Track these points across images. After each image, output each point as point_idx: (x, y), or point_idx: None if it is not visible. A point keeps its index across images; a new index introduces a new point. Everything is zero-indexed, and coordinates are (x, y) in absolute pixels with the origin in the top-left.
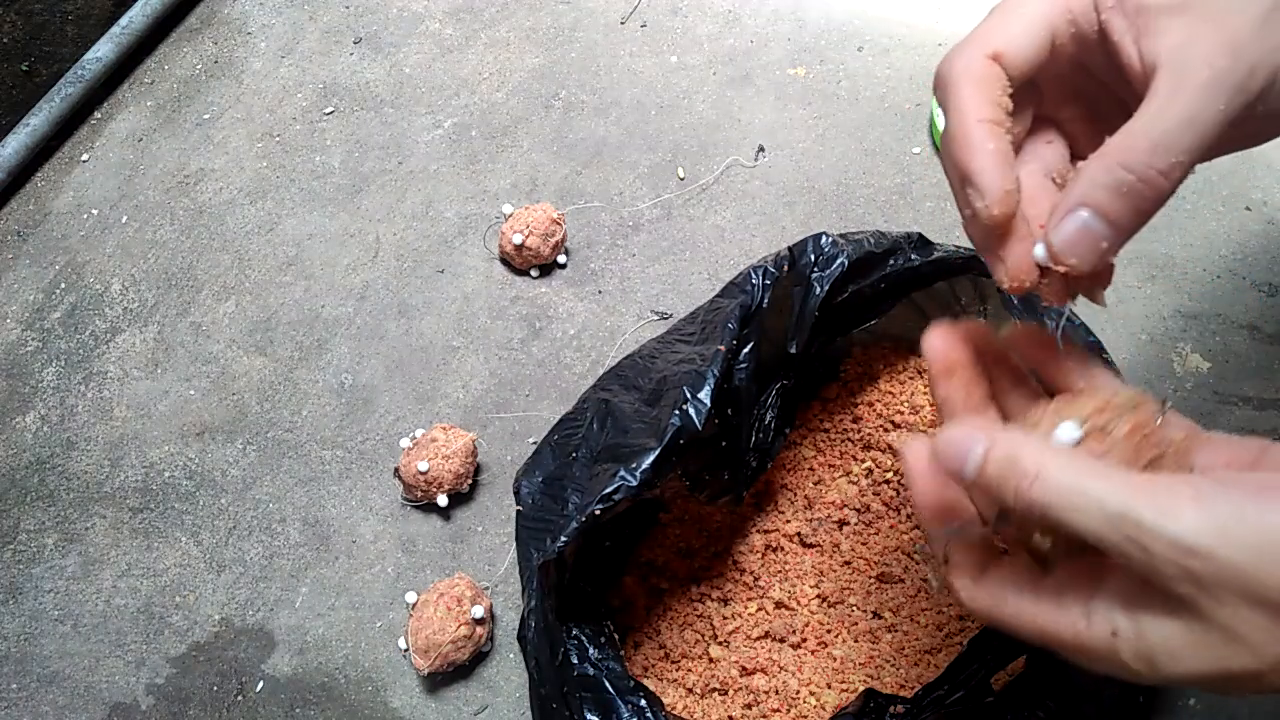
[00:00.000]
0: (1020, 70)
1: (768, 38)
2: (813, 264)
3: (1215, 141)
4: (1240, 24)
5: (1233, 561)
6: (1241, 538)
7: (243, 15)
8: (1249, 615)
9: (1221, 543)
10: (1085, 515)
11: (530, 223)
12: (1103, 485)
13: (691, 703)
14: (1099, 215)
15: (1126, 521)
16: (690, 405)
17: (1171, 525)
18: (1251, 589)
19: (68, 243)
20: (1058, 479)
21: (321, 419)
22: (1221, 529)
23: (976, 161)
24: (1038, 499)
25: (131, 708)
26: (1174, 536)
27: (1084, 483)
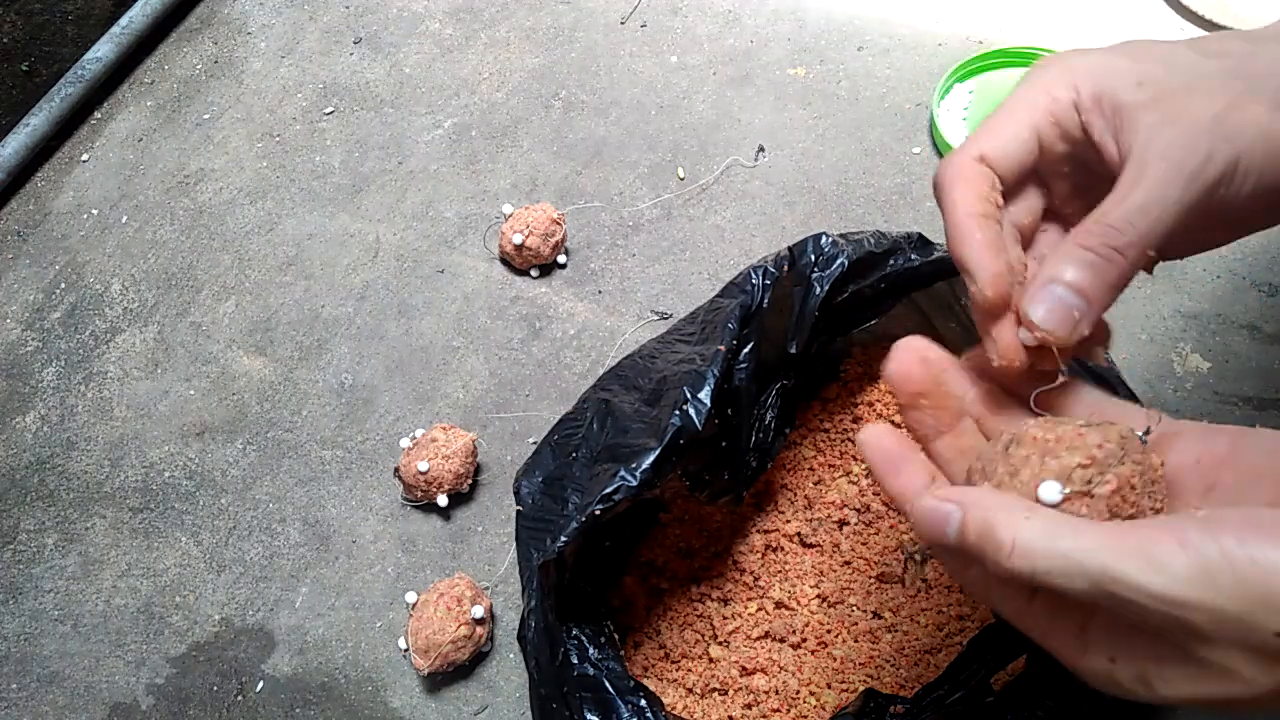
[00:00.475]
0: (1009, 170)
1: (768, 38)
2: (813, 264)
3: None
4: (1199, 118)
5: (1223, 610)
6: (1231, 586)
7: (243, 15)
8: (1241, 656)
9: (1211, 592)
10: (1067, 579)
11: (530, 223)
12: (1081, 546)
13: (691, 703)
14: (1069, 288)
15: (1113, 581)
16: (690, 405)
17: (1158, 580)
18: (1243, 634)
19: (68, 243)
20: (1034, 547)
21: (321, 419)
22: (1210, 577)
23: (966, 250)
24: (1018, 568)
25: (131, 708)
26: (1162, 592)
27: (1062, 546)
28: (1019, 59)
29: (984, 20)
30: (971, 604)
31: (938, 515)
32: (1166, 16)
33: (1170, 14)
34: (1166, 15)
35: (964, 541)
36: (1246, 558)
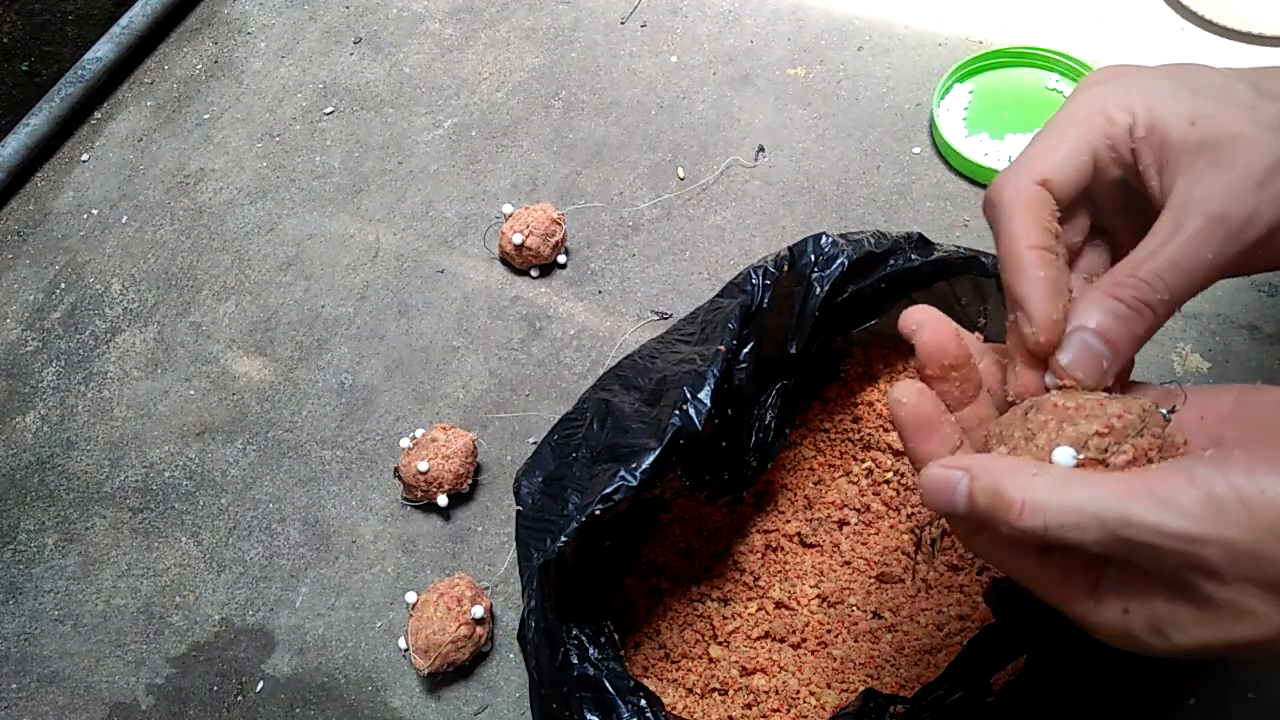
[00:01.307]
0: (1067, 194)
1: (768, 38)
2: (813, 264)
3: (1205, 280)
4: (1247, 173)
5: (1236, 543)
6: (1241, 518)
7: (243, 15)
8: (1254, 592)
9: (1223, 526)
10: (1083, 531)
11: (530, 223)
12: (1094, 495)
13: (691, 703)
14: (1098, 337)
15: (1126, 525)
16: (690, 405)
17: (1171, 518)
18: (1256, 568)
19: (68, 243)
20: (1045, 501)
21: (321, 419)
22: (1221, 512)
23: (1027, 288)
24: (1031, 526)
25: (131, 708)
26: (1176, 529)
27: (1072, 497)
28: (1019, 59)
29: (984, 20)
30: (972, 604)
31: (946, 483)
32: (1167, 16)
33: (1170, 14)
34: (1167, 15)
35: (974, 506)
36: (1255, 490)
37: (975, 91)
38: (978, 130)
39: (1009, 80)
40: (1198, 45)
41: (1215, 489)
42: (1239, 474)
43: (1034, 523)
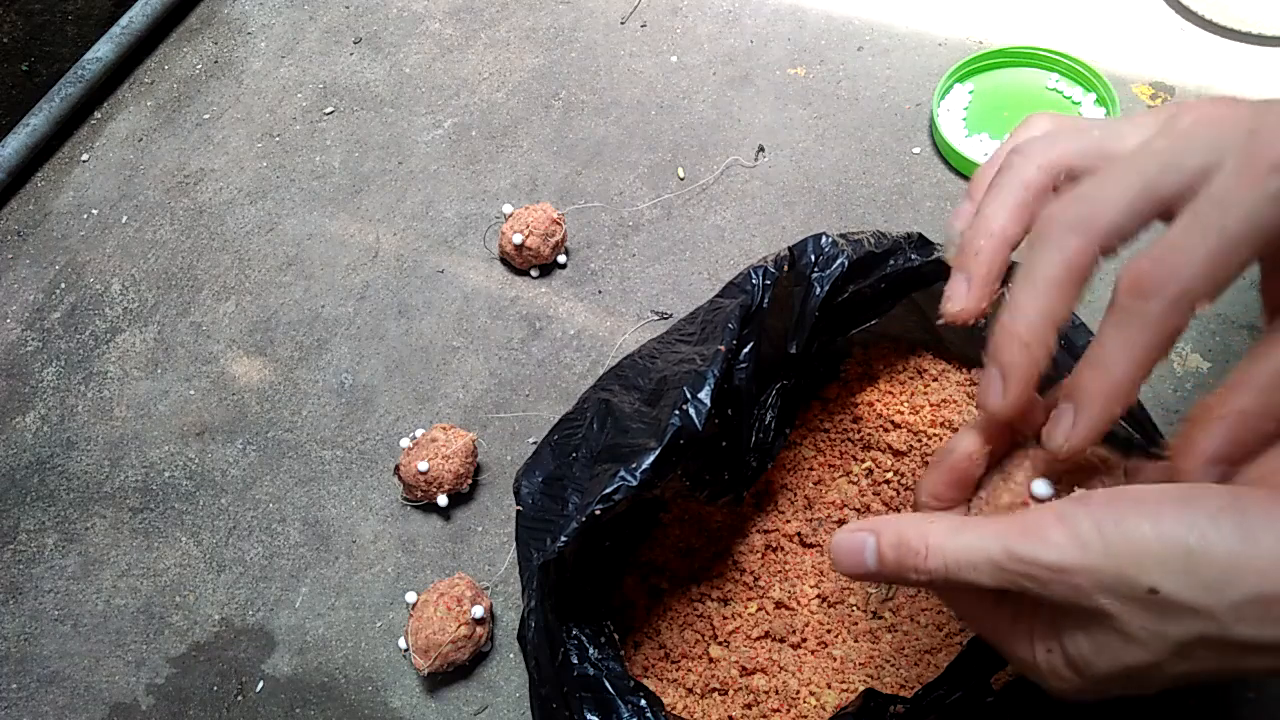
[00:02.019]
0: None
1: (768, 38)
2: (813, 264)
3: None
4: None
5: (1098, 569)
6: (1100, 548)
7: (243, 15)
8: (1133, 614)
9: (1086, 555)
10: (976, 570)
11: (530, 223)
12: (981, 537)
13: (691, 703)
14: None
15: (1009, 559)
16: (690, 405)
17: (1042, 551)
18: (1123, 590)
19: (68, 243)
20: (944, 546)
21: (321, 419)
22: (1084, 544)
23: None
24: (934, 569)
25: (131, 708)
26: (1047, 561)
27: (966, 541)
28: (1019, 59)
29: (984, 20)
30: None
31: (854, 546)
32: (1167, 16)
33: (1170, 14)
34: (1167, 15)
35: (882, 561)
36: (1111, 522)
37: (975, 91)
38: (978, 130)
39: (1009, 80)
40: (1198, 45)
41: (1078, 524)
42: (1099, 509)
43: (936, 564)
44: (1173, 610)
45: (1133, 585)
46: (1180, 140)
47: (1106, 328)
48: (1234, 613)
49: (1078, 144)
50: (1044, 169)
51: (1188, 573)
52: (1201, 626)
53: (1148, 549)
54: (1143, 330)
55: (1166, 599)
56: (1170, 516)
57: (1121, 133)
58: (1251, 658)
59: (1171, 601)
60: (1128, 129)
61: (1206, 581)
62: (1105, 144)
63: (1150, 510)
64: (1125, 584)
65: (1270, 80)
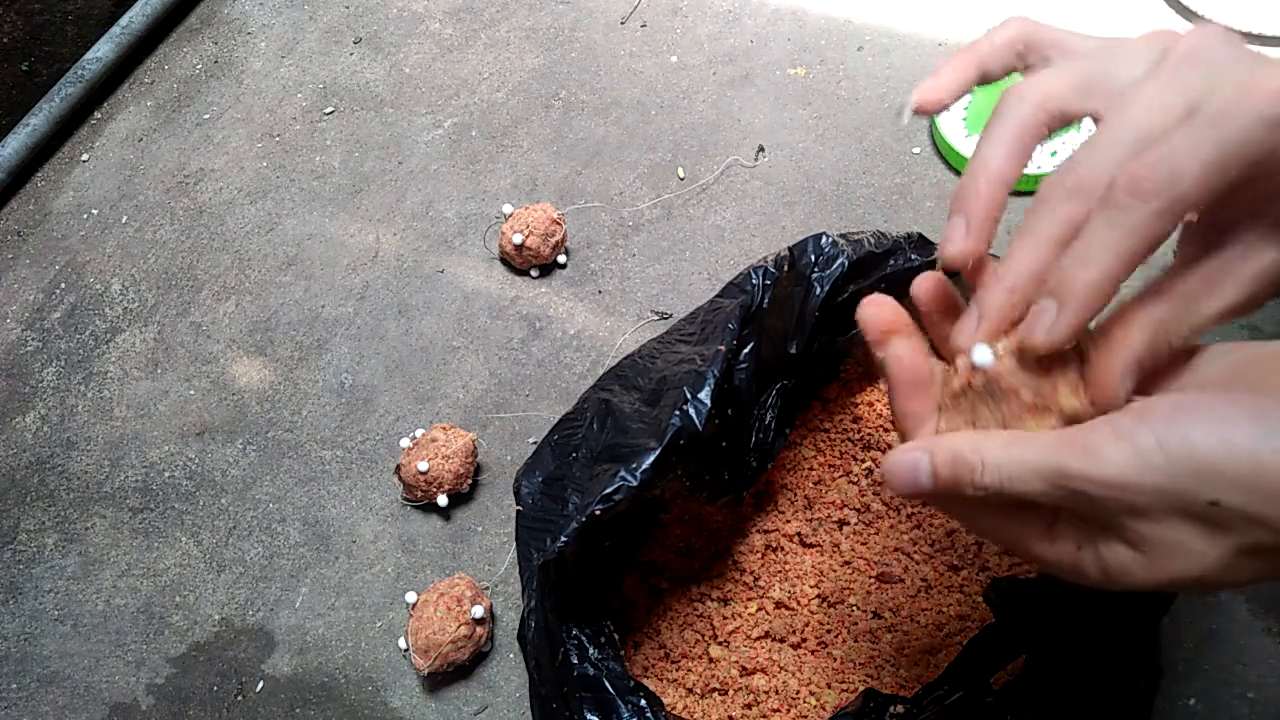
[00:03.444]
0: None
1: (768, 38)
2: (813, 264)
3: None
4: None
5: (1158, 486)
6: (1162, 464)
7: (243, 15)
8: (1184, 528)
9: (1144, 472)
10: (1028, 483)
11: (530, 223)
12: (1035, 452)
13: (691, 703)
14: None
15: (1063, 476)
16: (690, 405)
17: (1098, 467)
18: (1180, 505)
19: (68, 243)
20: (999, 461)
21: (321, 419)
22: (1142, 459)
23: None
24: (990, 483)
25: (131, 708)
26: (1103, 477)
27: (1021, 456)
28: None
29: (984, 20)
30: (971, 604)
31: (908, 465)
32: (1167, 17)
33: (1170, 14)
34: (1167, 15)
35: (938, 479)
36: (1176, 438)
37: (975, 91)
38: (978, 130)
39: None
40: None
41: (1139, 440)
42: (1161, 424)
43: (992, 479)
44: (1231, 522)
45: (1193, 497)
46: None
47: (1096, 225)
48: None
49: (1070, 82)
50: (1039, 109)
51: (1254, 485)
52: (1260, 535)
53: (1214, 463)
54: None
55: (1227, 511)
56: (1239, 430)
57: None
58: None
59: (1233, 513)
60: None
61: (1270, 491)
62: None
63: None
64: (1185, 497)
65: None
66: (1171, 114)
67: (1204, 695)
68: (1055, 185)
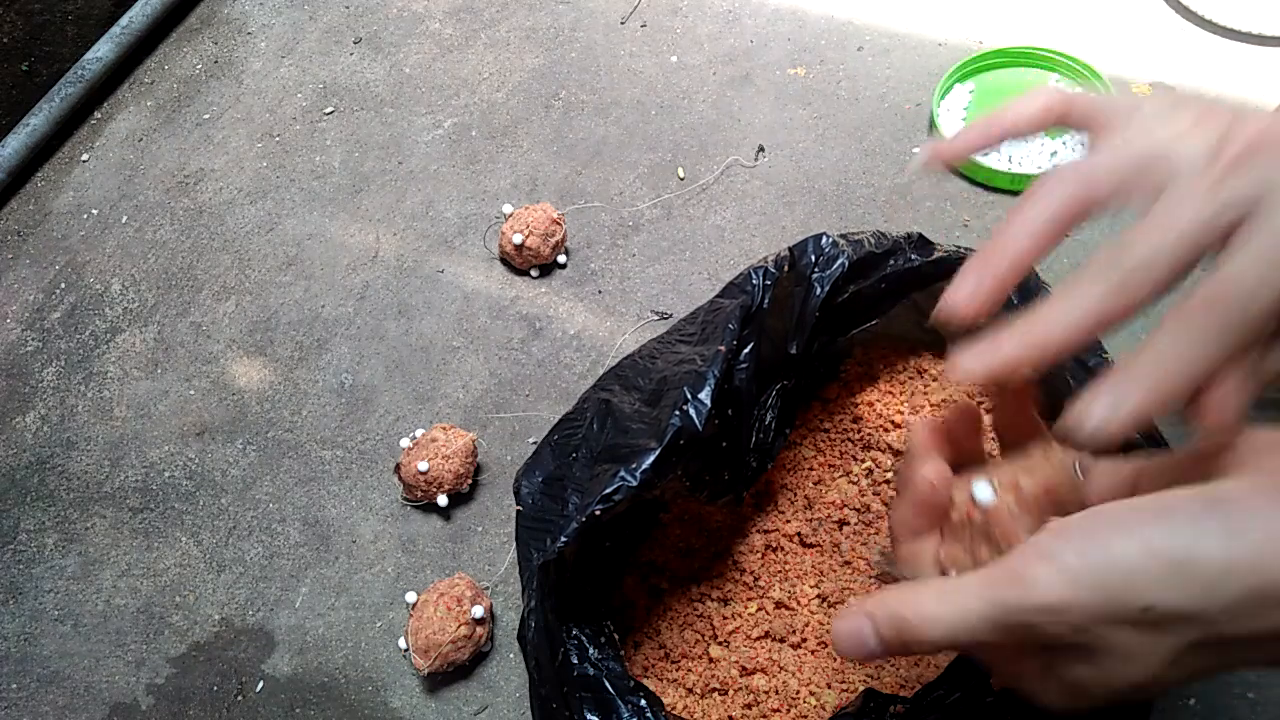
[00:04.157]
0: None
1: (768, 38)
2: (813, 264)
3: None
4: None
5: (1090, 602)
6: (1088, 578)
7: (243, 15)
8: (1127, 635)
9: (1077, 590)
10: (974, 630)
11: (530, 223)
12: (970, 596)
13: (691, 703)
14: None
15: (1001, 611)
16: (690, 405)
17: (1032, 594)
18: (1117, 617)
19: (68, 243)
20: (937, 615)
21: (321, 419)
22: (1071, 577)
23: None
24: (937, 638)
25: (131, 708)
26: (1038, 603)
27: (957, 604)
28: (1019, 59)
29: (984, 20)
30: None
31: (853, 632)
32: (1167, 16)
33: (1170, 14)
34: (1167, 15)
35: (885, 642)
36: (1097, 550)
37: (975, 91)
38: None
39: (1009, 80)
40: (1198, 45)
41: (1065, 561)
42: (1079, 538)
43: (937, 634)
44: (1168, 622)
45: (1126, 607)
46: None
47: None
48: (1228, 612)
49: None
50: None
51: (1180, 583)
52: (1197, 632)
53: (1136, 568)
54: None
55: (1161, 613)
56: (1153, 531)
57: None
58: (1248, 651)
59: (1167, 614)
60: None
61: (1199, 587)
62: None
63: (1132, 528)
64: (1119, 608)
65: (1270, 80)
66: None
67: (1204, 695)
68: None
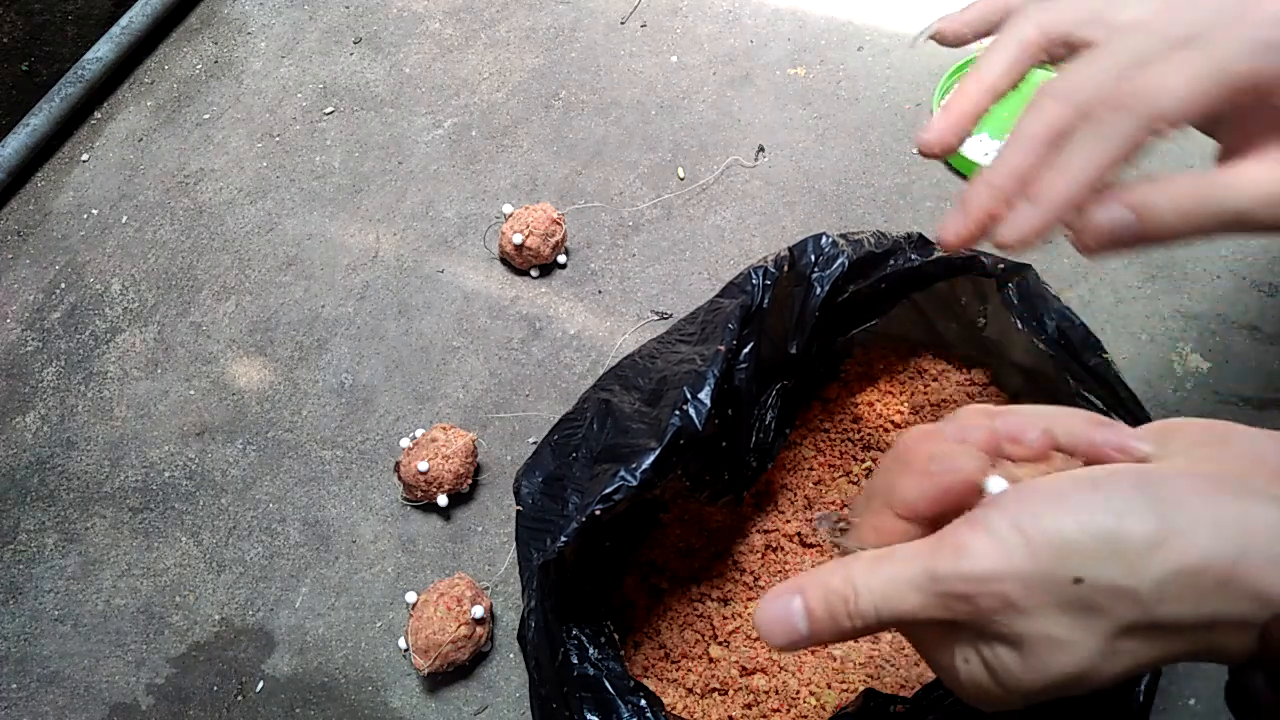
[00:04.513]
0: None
1: (768, 38)
2: (813, 264)
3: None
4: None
5: (1021, 571)
6: (1020, 546)
7: (243, 15)
8: (1057, 618)
9: (1009, 558)
10: (905, 600)
11: (530, 223)
12: (902, 564)
13: (691, 703)
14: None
15: (934, 580)
16: (690, 405)
17: (964, 564)
18: (1047, 589)
19: (68, 243)
20: (868, 583)
21: (321, 419)
22: (1007, 550)
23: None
24: (865, 609)
25: (131, 708)
26: (970, 572)
27: (888, 572)
28: None
29: None
30: None
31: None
32: None
33: None
34: None
35: (814, 619)
36: (1029, 519)
37: None
38: (978, 130)
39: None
40: None
41: (1000, 531)
42: (1014, 508)
43: (866, 605)
44: (1099, 599)
45: (1058, 579)
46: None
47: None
48: (1157, 591)
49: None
50: (1043, 31)
51: (1111, 556)
52: (1127, 613)
53: (1069, 538)
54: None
55: (1092, 586)
56: (1086, 502)
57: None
58: (1177, 640)
59: (1097, 588)
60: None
61: (1129, 561)
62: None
63: (1065, 499)
64: (1051, 580)
65: None
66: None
67: (1203, 695)
68: (1045, 92)
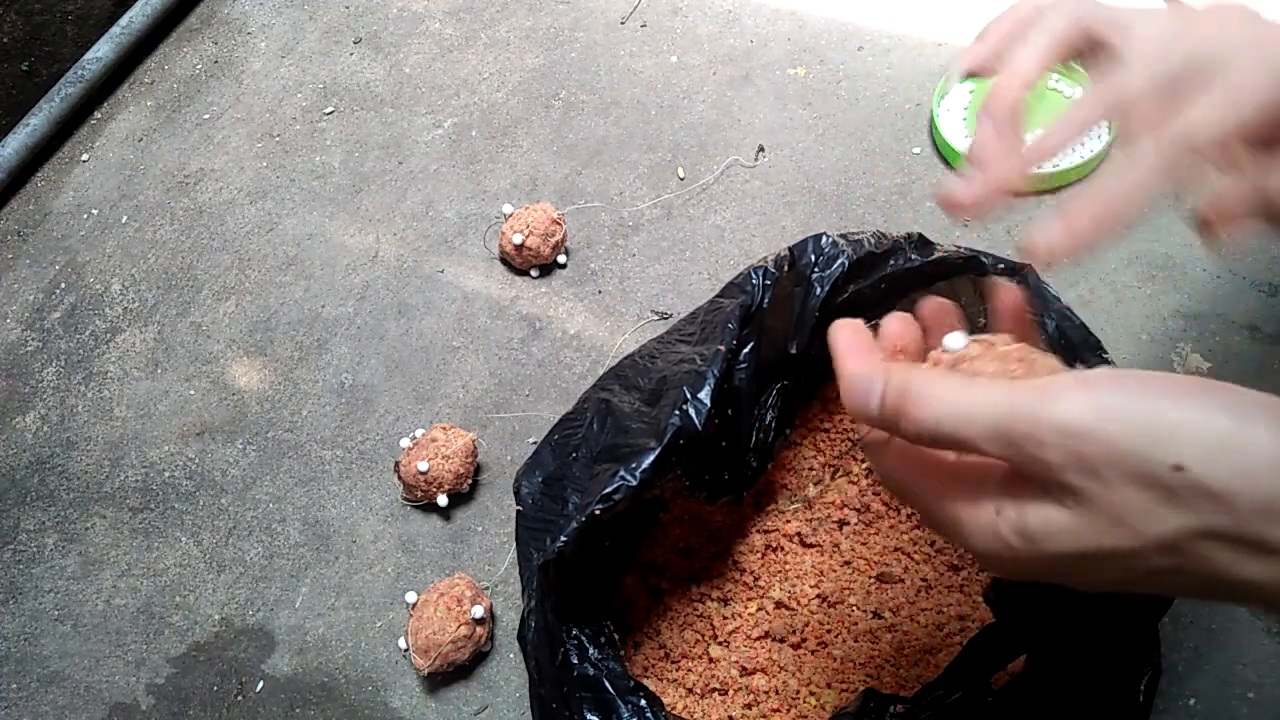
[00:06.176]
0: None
1: (768, 38)
2: (813, 264)
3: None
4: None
5: (1117, 440)
6: (1126, 416)
7: (243, 15)
8: (1133, 494)
9: (1105, 422)
10: (970, 424)
11: (530, 223)
12: (988, 395)
13: (691, 703)
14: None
15: (1013, 417)
16: (690, 405)
17: (1055, 411)
18: (1136, 467)
19: (68, 243)
20: (943, 397)
21: (321, 419)
22: (1104, 409)
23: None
24: (925, 418)
25: (131, 708)
26: (1058, 421)
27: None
28: None
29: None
30: (971, 604)
31: (862, 383)
32: None
33: None
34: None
35: (884, 405)
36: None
37: (975, 91)
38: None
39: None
40: None
41: (1102, 390)
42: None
43: (931, 413)
44: (1189, 493)
45: (1151, 460)
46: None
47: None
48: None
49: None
50: (1076, 25)
51: (1224, 458)
52: (1214, 518)
53: (1182, 425)
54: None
55: (1190, 480)
56: (1215, 403)
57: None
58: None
59: (1195, 483)
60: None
61: (1243, 469)
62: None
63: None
64: (1144, 458)
65: None
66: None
67: (1204, 695)
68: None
